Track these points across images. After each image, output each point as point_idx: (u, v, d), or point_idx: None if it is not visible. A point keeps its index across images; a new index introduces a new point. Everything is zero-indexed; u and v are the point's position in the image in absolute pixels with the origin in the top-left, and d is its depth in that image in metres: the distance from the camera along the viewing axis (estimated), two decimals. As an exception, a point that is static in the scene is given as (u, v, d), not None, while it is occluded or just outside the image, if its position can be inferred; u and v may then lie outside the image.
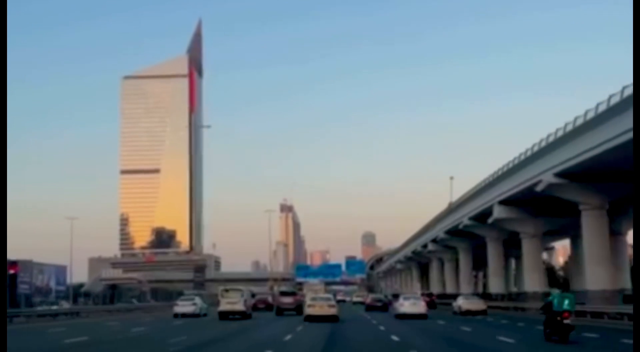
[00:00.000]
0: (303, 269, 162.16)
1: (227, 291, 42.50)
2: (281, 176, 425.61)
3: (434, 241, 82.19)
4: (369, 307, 53.85)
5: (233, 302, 40.01)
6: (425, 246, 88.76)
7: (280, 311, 45.68)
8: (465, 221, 64.03)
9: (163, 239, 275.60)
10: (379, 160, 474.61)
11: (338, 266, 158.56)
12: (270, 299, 58.66)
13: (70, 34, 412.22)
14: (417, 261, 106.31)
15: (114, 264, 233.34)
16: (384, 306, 52.58)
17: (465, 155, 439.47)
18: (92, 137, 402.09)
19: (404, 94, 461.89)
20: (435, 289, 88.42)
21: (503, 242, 62.31)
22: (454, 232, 71.88)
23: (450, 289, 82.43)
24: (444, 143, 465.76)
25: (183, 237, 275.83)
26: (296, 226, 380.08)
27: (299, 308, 43.80)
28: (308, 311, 36.03)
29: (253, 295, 54.11)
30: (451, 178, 74.86)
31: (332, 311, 35.35)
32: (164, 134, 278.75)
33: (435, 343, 21.22)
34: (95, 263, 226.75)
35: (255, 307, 49.94)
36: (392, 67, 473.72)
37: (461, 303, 47.90)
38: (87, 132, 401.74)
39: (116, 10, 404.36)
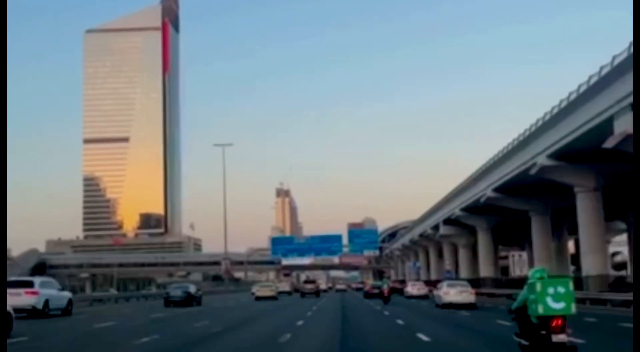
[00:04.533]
0: (283, 243, 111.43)
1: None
2: (277, 159, 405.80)
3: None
4: (368, 295, 59.42)
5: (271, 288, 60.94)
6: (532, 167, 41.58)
7: (303, 294, 63.97)
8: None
9: (132, 218, 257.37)
10: (378, 143, 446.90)
11: (337, 238, 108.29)
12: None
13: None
14: (496, 215, 60.07)
15: (75, 247, 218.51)
16: (381, 293, 54.04)
17: (468, 136, 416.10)
18: (50, 101, 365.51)
19: (402, 75, 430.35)
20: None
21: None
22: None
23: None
24: (444, 124, 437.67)
25: (157, 217, 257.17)
26: (293, 211, 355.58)
27: (317, 292, 65.55)
28: (257, 293, 55.90)
29: None
30: None
31: (273, 293, 55.53)
32: (133, 97, 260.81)
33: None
34: (53, 246, 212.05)
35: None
36: (389, 46, 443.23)
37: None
38: (45, 96, 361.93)
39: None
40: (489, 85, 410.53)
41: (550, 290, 9.34)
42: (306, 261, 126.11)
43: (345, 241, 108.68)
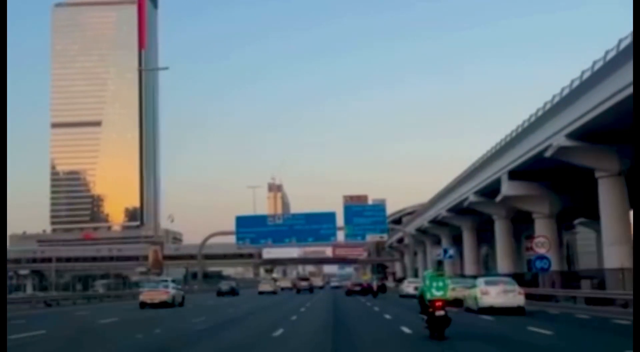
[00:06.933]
0: (251, 225, 77.04)
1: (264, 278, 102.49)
2: (269, 153, 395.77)
3: None
4: (350, 292, 60.96)
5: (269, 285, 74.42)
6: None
7: (299, 290, 73.34)
8: None
9: (106, 210, 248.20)
10: (373, 138, 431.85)
11: (329, 217, 77.36)
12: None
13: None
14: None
15: (42, 241, 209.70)
16: (364, 290, 57.49)
17: (464, 131, 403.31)
18: (14, 81, 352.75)
19: (396, 68, 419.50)
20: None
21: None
22: None
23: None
24: (442, 117, 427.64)
25: (132, 208, 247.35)
26: (286, 207, 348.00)
27: (311, 289, 74.48)
28: (259, 288, 68.61)
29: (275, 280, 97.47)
30: None
31: (272, 289, 68.61)
32: (106, 77, 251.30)
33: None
34: (18, 241, 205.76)
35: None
36: (386, 37, 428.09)
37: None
38: (8, 76, 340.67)
39: None
40: (485, 78, 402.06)
41: (435, 283, 16.14)
42: (291, 251, 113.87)
43: (339, 222, 75.92)
